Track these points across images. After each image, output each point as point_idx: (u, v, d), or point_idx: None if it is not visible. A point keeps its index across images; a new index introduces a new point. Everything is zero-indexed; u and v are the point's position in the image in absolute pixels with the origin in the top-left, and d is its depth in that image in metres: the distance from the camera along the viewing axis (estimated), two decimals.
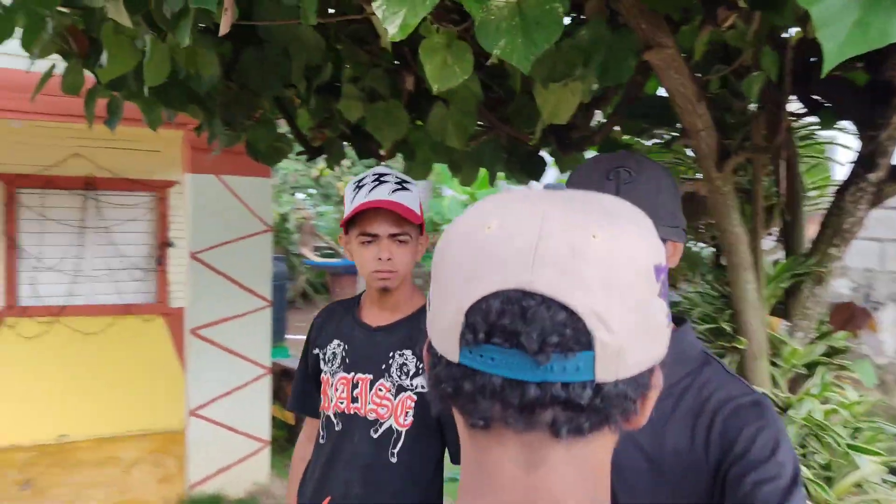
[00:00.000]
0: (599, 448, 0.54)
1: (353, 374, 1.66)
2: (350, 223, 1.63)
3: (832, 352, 2.62)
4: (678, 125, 2.36)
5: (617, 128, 2.36)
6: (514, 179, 3.31)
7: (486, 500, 0.53)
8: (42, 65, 2.24)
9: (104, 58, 1.66)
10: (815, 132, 2.90)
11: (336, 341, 1.71)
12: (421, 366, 1.63)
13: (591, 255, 0.50)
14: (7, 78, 3.55)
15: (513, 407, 0.51)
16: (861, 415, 2.44)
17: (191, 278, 3.93)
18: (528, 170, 3.15)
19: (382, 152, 2.39)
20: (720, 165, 1.92)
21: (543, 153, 2.92)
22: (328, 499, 1.58)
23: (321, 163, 10.82)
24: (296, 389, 1.86)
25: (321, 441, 1.70)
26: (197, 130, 2.36)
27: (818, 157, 2.93)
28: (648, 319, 0.53)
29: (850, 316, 2.53)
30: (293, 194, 11.43)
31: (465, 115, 2.08)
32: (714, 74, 1.81)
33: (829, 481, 2.32)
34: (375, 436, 1.62)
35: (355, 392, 1.64)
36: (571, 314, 0.50)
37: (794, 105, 2.68)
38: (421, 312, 1.72)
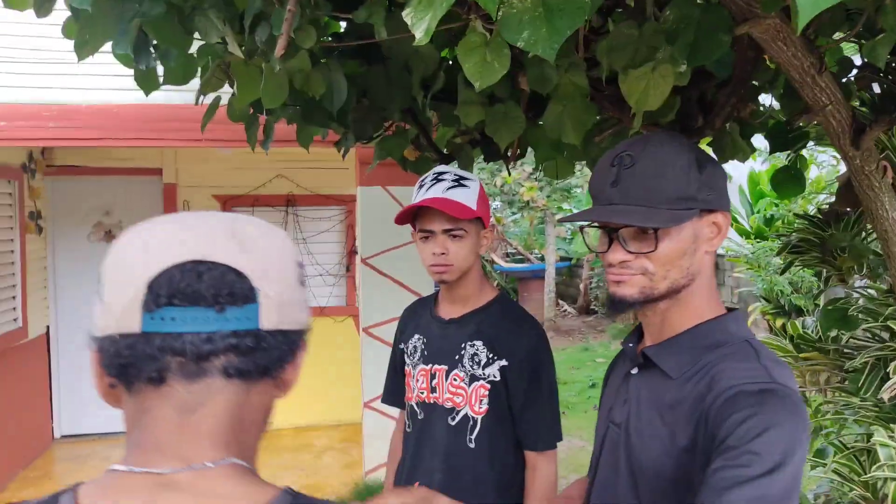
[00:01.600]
0: (256, 398, 0.64)
1: (430, 365, 1.74)
2: (413, 221, 1.73)
3: None
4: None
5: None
6: None
7: (141, 447, 0.61)
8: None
9: (236, 87, 1.91)
10: None
11: (416, 335, 1.80)
12: (492, 356, 1.66)
13: (250, 237, 0.66)
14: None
15: (189, 357, 0.60)
16: None
17: (363, 281, 4.26)
18: None
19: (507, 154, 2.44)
20: (856, 142, 1.71)
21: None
22: (416, 484, 1.67)
23: (505, 171, 11.01)
24: (387, 383, 1.98)
25: (408, 430, 1.80)
26: (337, 145, 2.59)
27: None
28: (298, 291, 0.68)
29: None
30: None
31: (580, 110, 2.07)
32: (832, 43, 1.62)
33: None
34: (453, 423, 1.69)
35: (433, 382, 1.72)
36: (239, 274, 0.63)
37: None
38: (492, 304, 1.75)
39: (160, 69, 2.29)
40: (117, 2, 1.56)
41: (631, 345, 1.15)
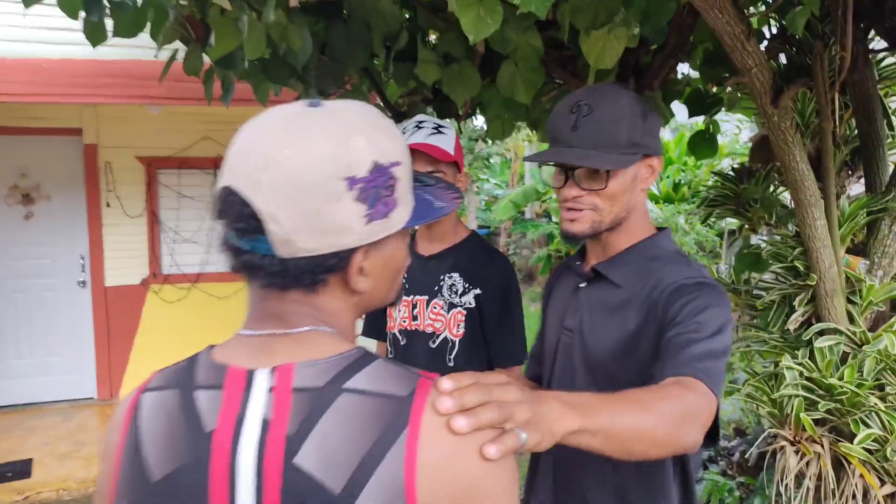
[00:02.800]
0: (323, 297, 0.75)
1: (412, 296, 1.91)
2: None
3: None
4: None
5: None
6: None
7: (250, 319, 0.76)
8: (165, 55, 2.61)
9: (212, 38, 1.97)
10: None
11: None
12: (468, 286, 1.85)
13: (276, 167, 0.68)
14: (144, 69, 4.04)
15: (238, 264, 0.73)
16: None
17: None
18: None
19: (460, 112, 2.60)
20: (775, 101, 1.98)
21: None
22: None
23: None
24: (367, 318, 2.14)
25: (390, 356, 1.97)
26: (296, 100, 2.67)
27: None
28: (323, 219, 0.68)
29: None
30: None
31: (532, 71, 2.24)
32: (758, 13, 1.87)
33: None
34: (434, 346, 1.88)
35: (415, 311, 1.90)
36: (252, 210, 0.69)
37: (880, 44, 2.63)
38: (466, 241, 1.94)
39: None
40: None
41: (578, 262, 1.35)
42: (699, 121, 3.37)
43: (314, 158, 0.68)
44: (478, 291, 1.86)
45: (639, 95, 1.26)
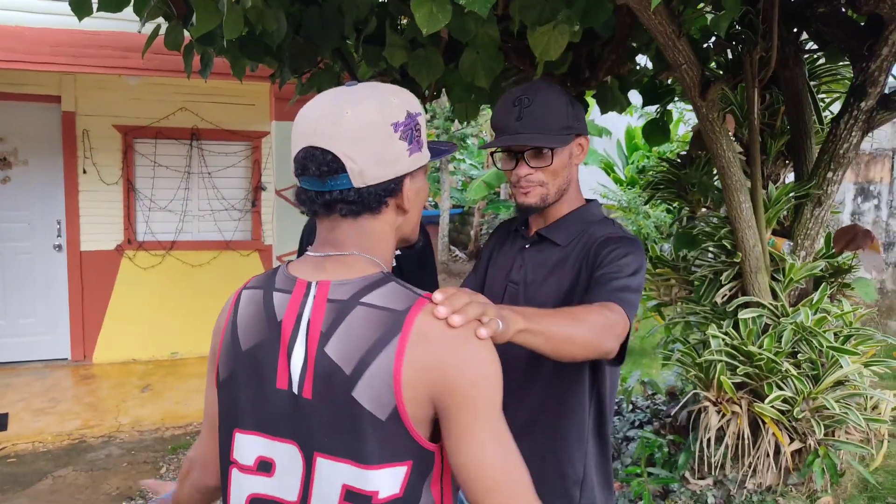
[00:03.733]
0: (379, 222, 0.99)
1: None
2: None
3: (837, 271, 2.85)
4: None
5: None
6: None
7: (318, 244, 1.02)
8: (149, 29, 2.75)
9: (195, 18, 2.14)
10: (840, 69, 3.06)
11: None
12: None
13: (343, 126, 0.93)
14: (124, 40, 4.15)
15: (318, 204, 0.97)
16: (853, 324, 2.68)
17: (277, 213, 4.50)
18: None
19: (426, 94, 2.79)
20: (703, 94, 2.20)
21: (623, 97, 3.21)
22: None
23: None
24: None
25: None
26: (271, 77, 2.84)
27: (842, 93, 3.09)
28: (384, 154, 0.94)
29: (853, 237, 2.74)
30: None
31: (491, 59, 2.44)
32: (686, 16, 2.08)
33: (815, 379, 2.60)
34: None
35: None
36: (333, 155, 0.93)
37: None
38: None
39: None
40: None
41: (524, 227, 1.59)
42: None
43: (368, 114, 0.94)
44: (398, 253, 2.17)
45: (564, 88, 1.49)
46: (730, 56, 3.00)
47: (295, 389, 0.94)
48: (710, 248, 2.83)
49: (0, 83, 5.03)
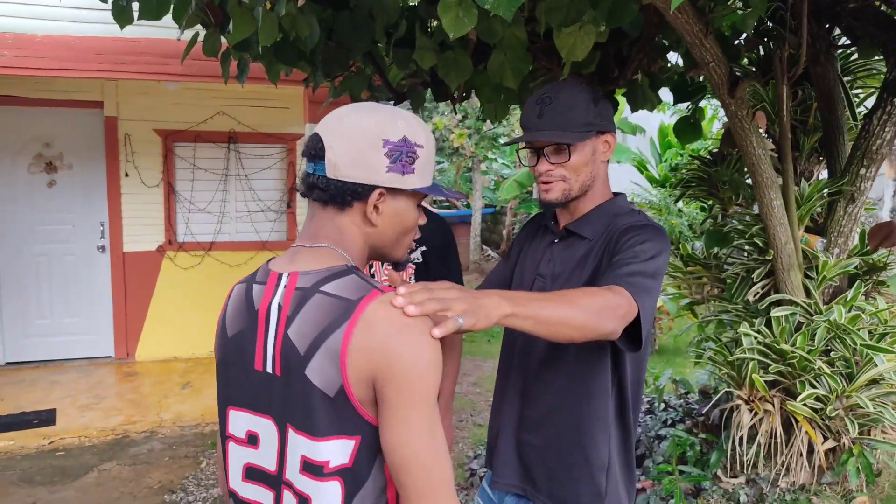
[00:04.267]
0: (348, 219, 1.08)
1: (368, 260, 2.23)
2: None
3: (872, 268, 2.81)
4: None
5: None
6: None
7: (301, 233, 1.12)
8: (188, 36, 2.85)
9: (231, 25, 2.21)
10: (875, 64, 3.02)
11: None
12: (415, 244, 2.22)
13: (342, 123, 1.05)
14: (164, 47, 4.28)
15: (306, 185, 1.08)
16: (888, 322, 2.64)
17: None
18: None
19: (455, 95, 2.83)
20: (732, 92, 2.20)
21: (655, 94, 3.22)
22: None
23: (436, 117, 11.32)
24: None
25: None
26: (305, 81, 2.91)
27: (877, 88, 3.05)
28: (361, 157, 1.03)
29: (889, 234, 2.71)
30: None
31: (519, 59, 2.47)
32: (715, 13, 2.08)
33: (849, 377, 2.57)
34: None
35: (371, 271, 2.24)
36: (321, 143, 1.05)
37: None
38: None
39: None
40: None
41: (553, 223, 1.62)
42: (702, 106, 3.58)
43: (369, 122, 1.05)
44: (423, 248, 2.25)
45: (590, 86, 1.51)
46: (761, 53, 2.98)
47: (269, 369, 1.04)
48: (743, 246, 2.82)
49: (47, 90, 5.22)
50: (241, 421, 1.10)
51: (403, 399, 0.95)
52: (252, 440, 1.09)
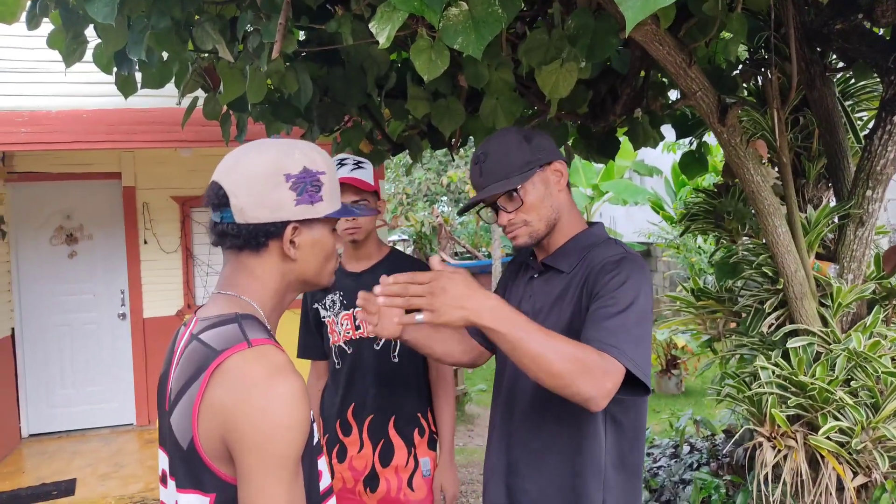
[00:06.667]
0: (264, 260, 1.07)
1: (351, 310, 2.16)
2: None
3: (890, 293, 2.72)
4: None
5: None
6: (592, 159, 3.64)
7: (218, 278, 1.12)
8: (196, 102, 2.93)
9: (222, 86, 2.27)
10: (876, 85, 2.99)
11: (331, 292, 2.20)
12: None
13: (239, 166, 1.04)
14: (174, 115, 4.41)
15: (215, 234, 1.07)
16: None
17: None
18: (605, 149, 3.48)
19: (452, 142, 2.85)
20: (722, 120, 2.18)
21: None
22: (352, 406, 2.14)
23: (451, 170, 11.44)
24: (301, 341, 2.34)
25: (337, 367, 2.19)
26: (303, 137, 2.96)
27: (873, 109, 3.01)
28: (266, 198, 1.02)
29: None
30: (431, 202, 12.16)
31: (510, 102, 2.49)
32: (696, 42, 2.08)
33: (875, 408, 2.46)
34: (378, 347, 2.13)
35: (357, 322, 2.15)
36: (224, 190, 1.04)
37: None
38: (390, 255, 2.21)
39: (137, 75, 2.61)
40: (133, 17, 1.89)
41: (532, 258, 1.59)
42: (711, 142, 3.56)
43: (264, 160, 1.05)
44: None
45: (520, 127, 1.55)
46: (759, 81, 2.97)
47: (168, 410, 1.04)
48: (754, 277, 2.75)
49: (66, 164, 5.39)
50: (162, 460, 1.10)
51: (254, 462, 0.90)
52: (164, 479, 1.09)
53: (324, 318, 2.24)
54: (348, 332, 2.18)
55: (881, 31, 2.48)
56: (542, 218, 1.47)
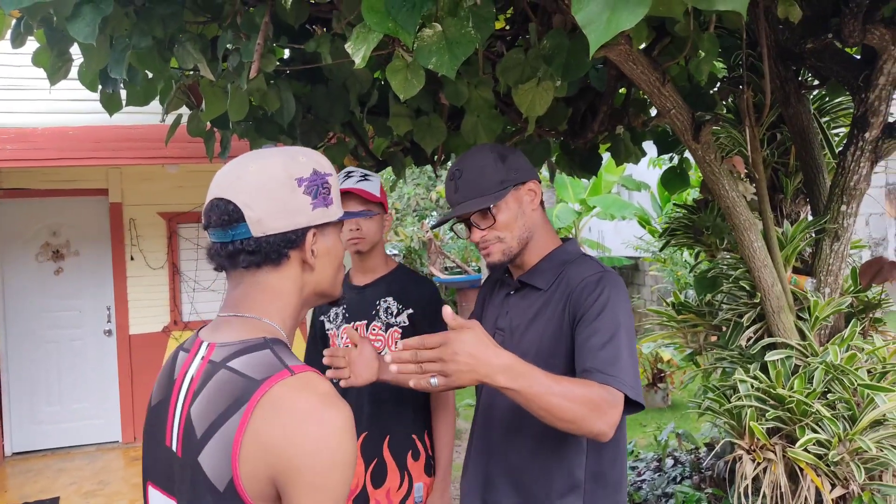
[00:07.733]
0: (272, 277, 1.00)
1: (353, 322, 2.16)
2: None
3: (867, 306, 2.76)
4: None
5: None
6: (575, 175, 3.68)
7: (224, 303, 1.03)
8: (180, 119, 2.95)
9: (204, 103, 2.29)
10: (850, 102, 3.05)
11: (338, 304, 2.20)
12: (401, 307, 2.11)
13: (246, 177, 0.97)
14: (160, 132, 4.43)
15: (223, 255, 0.99)
16: (888, 360, 2.57)
17: None
18: (587, 165, 3.52)
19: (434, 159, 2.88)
20: (696, 137, 2.22)
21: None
22: None
23: (440, 185, 11.48)
24: (307, 354, 2.35)
25: (334, 381, 2.18)
26: None
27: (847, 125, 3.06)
28: (285, 204, 0.97)
29: (879, 270, 2.66)
30: (421, 217, 12.20)
31: (491, 119, 2.53)
32: (669, 62, 2.12)
33: (853, 420, 2.48)
34: None
35: (346, 340, 2.14)
36: (234, 205, 0.96)
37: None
38: (395, 270, 2.21)
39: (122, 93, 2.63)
40: (115, 36, 1.92)
41: (507, 275, 1.61)
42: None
43: (273, 167, 0.99)
44: (410, 311, 2.14)
45: (496, 145, 1.57)
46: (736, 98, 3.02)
47: (174, 447, 0.94)
48: (732, 291, 2.78)
49: (53, 180, 5.38)
50: (155, 499, 1.01)
51: (310, 501, 0.83)
52: None
53: (328, 330, 2.24)
54: (347, 345, 2.18)
55: (853, 50, 2.54)
56: (514, 236, 1.50)
